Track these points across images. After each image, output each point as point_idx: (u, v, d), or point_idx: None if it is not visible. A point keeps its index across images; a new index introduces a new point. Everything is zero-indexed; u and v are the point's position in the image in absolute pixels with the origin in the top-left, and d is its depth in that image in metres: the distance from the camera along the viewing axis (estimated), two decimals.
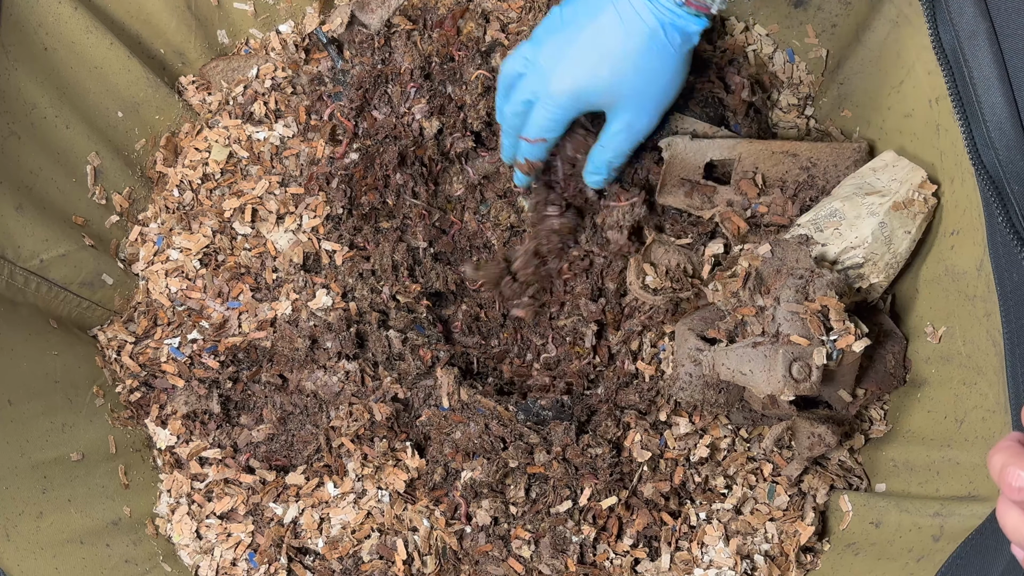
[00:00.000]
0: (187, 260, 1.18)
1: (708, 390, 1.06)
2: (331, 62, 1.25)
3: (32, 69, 1.08)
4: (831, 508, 1.08)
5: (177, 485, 1.09)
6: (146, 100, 1.23)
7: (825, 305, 0.99)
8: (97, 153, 1.18)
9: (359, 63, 1.23)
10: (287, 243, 1.21)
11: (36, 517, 0.96)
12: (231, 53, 1.30)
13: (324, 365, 1.13)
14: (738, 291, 1.06)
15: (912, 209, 1.05)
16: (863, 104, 1.20)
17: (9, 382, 0.99)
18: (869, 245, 1.05)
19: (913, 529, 0.95)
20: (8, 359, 1.00)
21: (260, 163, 1.23)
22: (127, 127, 1.21)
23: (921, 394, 1.04)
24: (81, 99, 1.15)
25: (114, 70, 1.18)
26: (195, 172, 1.22)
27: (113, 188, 1.20)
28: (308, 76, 1.28)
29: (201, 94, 1.28)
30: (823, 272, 1.02)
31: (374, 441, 1.10)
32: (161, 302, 1.17)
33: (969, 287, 0.96)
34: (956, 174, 1.00)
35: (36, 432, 1.01)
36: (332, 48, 1.23)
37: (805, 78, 1.29)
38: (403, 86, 1.21)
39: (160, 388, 1.13)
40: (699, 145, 1.18)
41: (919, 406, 1.03)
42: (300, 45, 1.28)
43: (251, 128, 1.25)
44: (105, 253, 1.18)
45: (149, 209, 1.23)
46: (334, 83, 1.24)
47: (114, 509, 1.04)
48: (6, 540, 0.92)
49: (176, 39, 1.25)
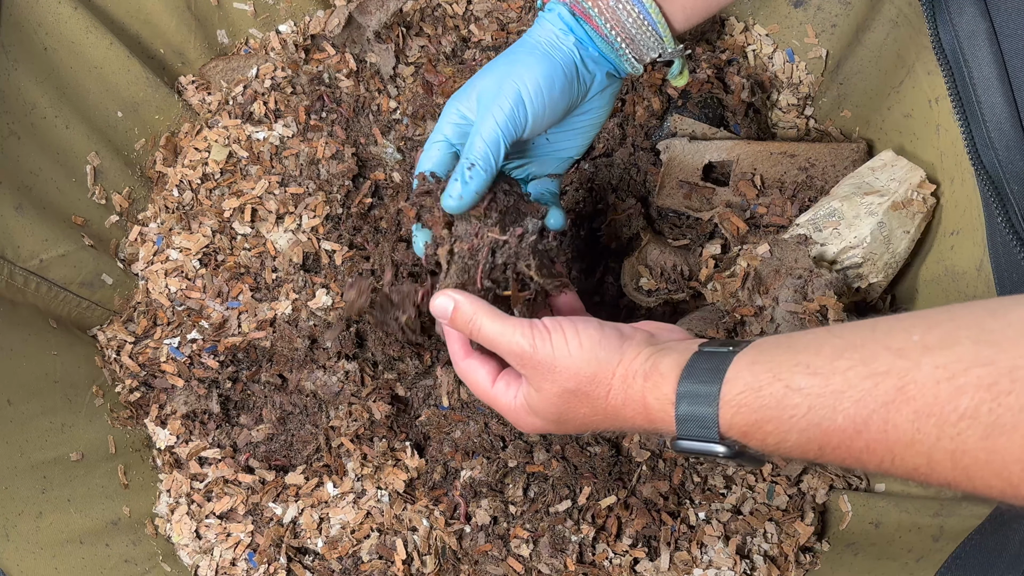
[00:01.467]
0: (187, 260, 1.18)
1: None
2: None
3: (32, 69, 1.08)
4: (830, 508, 1.07)
5: (176, 485, 1.08)
6: (146, 100, 1.22)
7: (824, 305, 0.99)
8: (97, 153, 1.18)
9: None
10: (287, 243, 1.20)
11: (36, 517, 0.96)
12: (231, 53, 1.29)
13: (324, 365, 1.12)
14: (737, 291, 1.06)
15: (911, 209, 1.05)
16: (863, 104, 1.20)
17: (9, 382, 0.99)
18: (868, 245, 1.05)
19: (913, 529, 0.95)
20: (8, 359, 1.00)
21: (260, 163, 1.22)
22: (127, 127, 1.21)
23: None
24: (81, 99, 1.15)
25: (114, 70, 1.17)
26: (195, 172, 1.22)
27: (113, 188, 1.20)
28: (308, 76, 1.28)
29: (201, 94, 1.28)
30: (822, 272, 1.02)
31: (373, 441, 1.10)
32: (161, 302, 1.17)
33: (969, 287, 0.96)
34: (956, 174, 1.00)
35: (35, 432, 1.01)
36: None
37: (805, 78, 1.30)
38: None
39: (160, 388, 1.13)
40: (697, 147, 1.18)
41: None
42: (300, 45, 1.29)
43: (251, 128, 1.24)
44: (105, 253, 1.17)
45: (149, 209, 1.22)
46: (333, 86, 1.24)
47: (113, 509, 1.04)
48: (5, 540, 0.92)
49: (176, 39, 1.25)
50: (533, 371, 0.75)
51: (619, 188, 1.24)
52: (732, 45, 1.29)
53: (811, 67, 1.29)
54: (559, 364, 0.73)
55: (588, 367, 0.73)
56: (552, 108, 0.89)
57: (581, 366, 0.73)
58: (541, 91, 0.87)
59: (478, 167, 0.86)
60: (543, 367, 0.74)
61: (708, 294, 1.09)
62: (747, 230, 1.14)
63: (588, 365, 0.73)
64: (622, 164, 1.25)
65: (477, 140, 0.86)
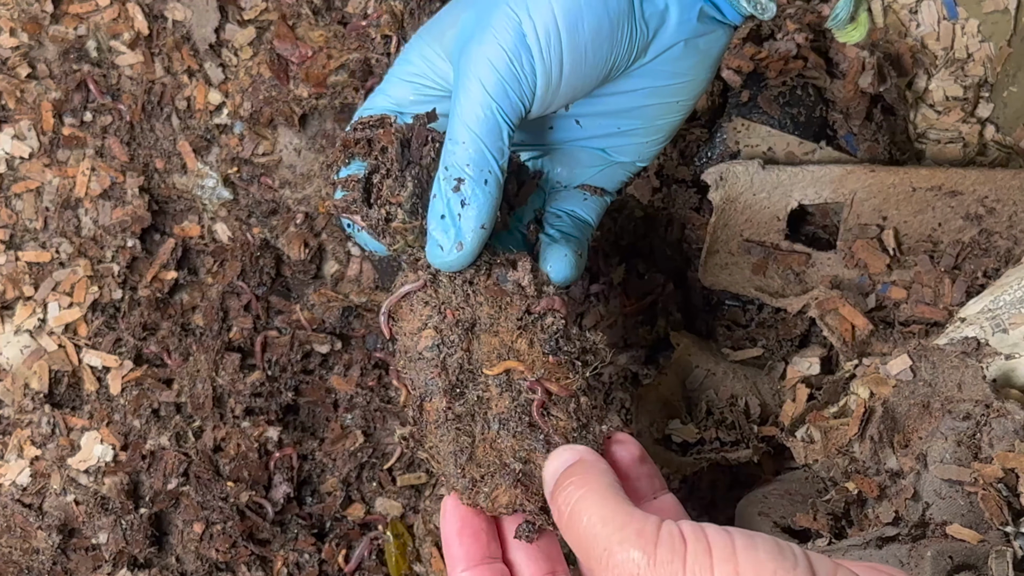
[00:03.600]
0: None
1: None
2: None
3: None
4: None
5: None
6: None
7: (1012, 468, 0.93)
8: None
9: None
10: (18, 355, 1.15)
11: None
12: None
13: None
14: (851, 443, 1.02)
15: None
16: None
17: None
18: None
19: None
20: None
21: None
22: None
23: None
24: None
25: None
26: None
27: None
28: (59, 45, 1.24)
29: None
30: (1009, 408, 0.96)
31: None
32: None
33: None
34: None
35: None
36: None
37: (977, 49, 1.22)
38: None
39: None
40: (778, 177, 1.15)
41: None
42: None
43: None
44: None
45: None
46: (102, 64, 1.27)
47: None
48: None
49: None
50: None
51: (632, 253, 1.23)
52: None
53: (988, 28, 1.24)
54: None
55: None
56: (581, 61, 0.86)
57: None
58: (557, 29, 0.83)
59: (471, 182, 0.82)
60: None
61: (797, 449, 1.06)
62: (869, 331, 1.11)
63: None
64: (638, 208, 1.23)
65: (459, 129, 0.84)
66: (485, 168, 0.83)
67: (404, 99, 0.90)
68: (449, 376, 0.83)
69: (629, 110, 0.94)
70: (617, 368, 1.20)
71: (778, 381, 1.13)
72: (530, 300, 0.85)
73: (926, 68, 1.25)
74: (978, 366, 0.99)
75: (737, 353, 1.15)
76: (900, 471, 0.99)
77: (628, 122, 0.95)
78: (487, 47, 0.84)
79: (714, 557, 0.68)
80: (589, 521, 0.73)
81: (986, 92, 1.24)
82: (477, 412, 0.82)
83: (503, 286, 0.86)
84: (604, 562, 0.71)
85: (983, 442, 0.95)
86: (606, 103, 0.93)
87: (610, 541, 0.72)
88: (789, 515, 1.03)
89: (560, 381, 0.84)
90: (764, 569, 0.68)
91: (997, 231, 1.13)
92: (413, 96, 0.91)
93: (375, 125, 0.88)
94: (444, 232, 0.83)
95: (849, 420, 1.02)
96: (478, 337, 0.84)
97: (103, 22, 1.28)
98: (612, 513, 0.73)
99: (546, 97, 0.87)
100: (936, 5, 1.27)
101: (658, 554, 0.69)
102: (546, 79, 0.85)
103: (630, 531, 0.71)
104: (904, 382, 1.01)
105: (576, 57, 0.86)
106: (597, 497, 0.74)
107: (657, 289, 1.17)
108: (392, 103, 0.90)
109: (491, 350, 0.83)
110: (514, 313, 0.84)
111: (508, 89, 0.83)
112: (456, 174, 0.83)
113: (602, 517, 0.73)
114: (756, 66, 1.23)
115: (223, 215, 1.26)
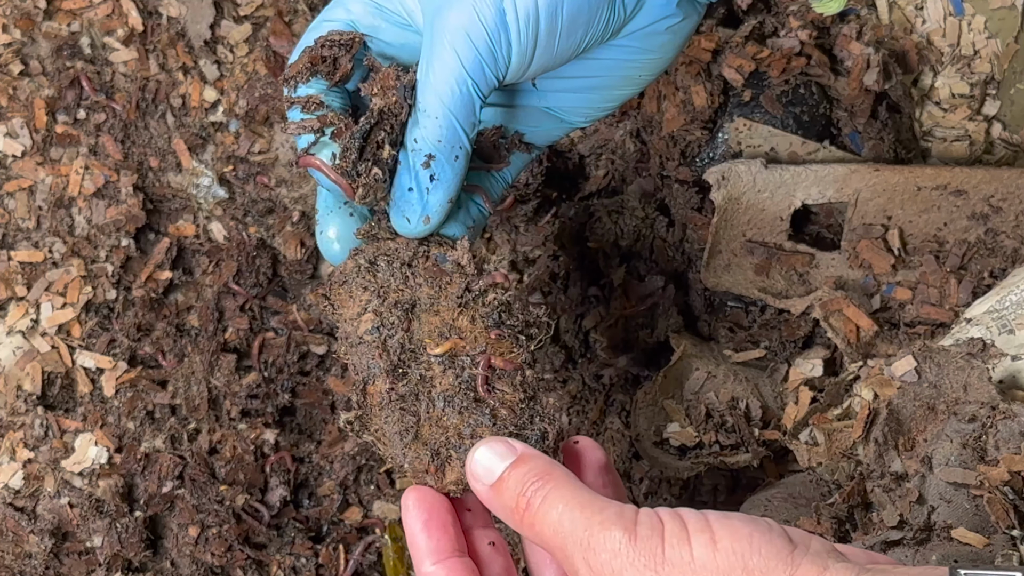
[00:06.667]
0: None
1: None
2: None
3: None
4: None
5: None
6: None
7: (1018, 471, 0.93)
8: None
9: None
10: (11, 356, 1.15)
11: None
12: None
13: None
14: (856, 447, 1.02)
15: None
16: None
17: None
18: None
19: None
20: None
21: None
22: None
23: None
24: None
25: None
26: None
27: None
28: (52, 42, 1.23)
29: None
30: (1015, 410, 0.96)
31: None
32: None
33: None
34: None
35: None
36: None
37: (984, 45, 1.24)
38: None
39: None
40: (781, 177, 1.16)
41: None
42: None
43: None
44: None
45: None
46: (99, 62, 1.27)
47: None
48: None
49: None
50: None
51: (632, 254, 1.23)
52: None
53: (996, 23, 1.23)
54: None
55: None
56: (555, 43, 0.86)
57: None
58: (536, 10, 0.83)
59: (441, 158, 0.83)
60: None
61: (800, 452, 1.07)
62: (874, 332, 1.11)
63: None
64: (639, 209, 1.23)
65: (432, 102, 0.84)
66: (456, 144, 0.84)
67: (363, 17, 0.89)
68: (391, 357, 0.82)
69: (590, 78, 0.95)
70: (617, 370, 1.20)
71: (780, 383, 1.14)
72: (469, 278, 0.85)
73: (932, 65, 1.24)
74: (984, 367, 0.99)
75: (739, 355, 1.16)
76: (905, 474, 0.99)
77: (587, 90, 0.96)
78: (467, 19, 0.83)
79: (690, 529, 0.70)
80: (566, 507, 0.74)
81: (993, 89, 1.24)
82: (421, 391, 0.81)
83: (442, 266, 0.86)
84: (585, 543, 0.72)
85: (989, 444, 0.95)
86: (569, 70, 0.93)
87: (591, 523, 0.73)
88: (792, 519, 1.02)
89: (504, 355, 0.83)
90: (739, 533, 0.70)
91: (1003, 231, 1.13)
92: (372, 18, 0.89)
93: (345, 45, 0.86)
94: (410, 205, 0.84)
95: (853, 422, 1.03)
96: (419, 317, 0.84)
97: (97, 18, 1.28)
98: (589, 499, 0.74)
99: (516, 73, 0.87)
100: (942, 1, 1.26)
101: (638, 531, 0.71)
102: (520, 58, 0.85)
103: (610, 513, 0.72)
104: (909, 384, 1.01)
105: (551, 39, 0.86)
106: (569, 488, 0.76)
107: (657, 291, 1.15)
108: (350, 19, 0.89)
109: (432, 329, 0.83)
110: (454, 291, 0.84)
111: (485, 66, 0.84)
112: (427, 150, 0.83)
113: (580, 503, 0.74)
114: (758, 65, 1.21)
115: (218, 214, 1.26)
